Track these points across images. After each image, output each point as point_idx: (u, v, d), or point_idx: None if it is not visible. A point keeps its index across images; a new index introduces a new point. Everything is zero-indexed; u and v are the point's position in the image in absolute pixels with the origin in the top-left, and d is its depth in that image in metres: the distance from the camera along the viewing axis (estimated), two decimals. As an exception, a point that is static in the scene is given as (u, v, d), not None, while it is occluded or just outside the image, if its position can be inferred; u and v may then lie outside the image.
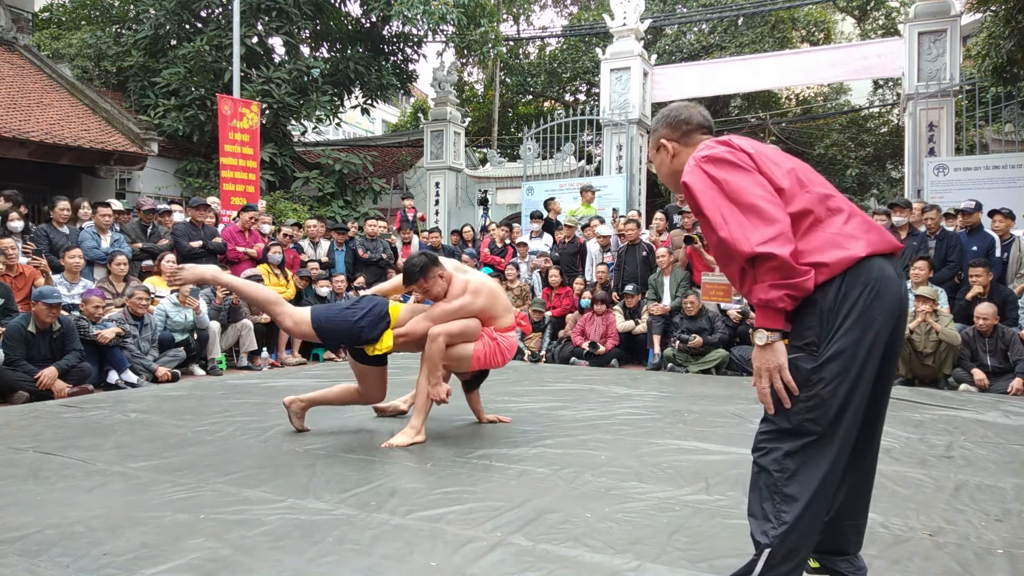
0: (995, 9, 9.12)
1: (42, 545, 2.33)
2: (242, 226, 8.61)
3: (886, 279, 1.73)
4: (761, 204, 1.72)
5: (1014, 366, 6.15)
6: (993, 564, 2.27)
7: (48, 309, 5.53)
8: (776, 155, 1.87)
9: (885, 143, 19.63)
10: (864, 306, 1.71)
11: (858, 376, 1.72)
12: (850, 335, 1.71)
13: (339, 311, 3.97)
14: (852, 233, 1.75)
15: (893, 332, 1.77)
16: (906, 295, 1.81)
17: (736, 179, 1.77)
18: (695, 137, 2.04)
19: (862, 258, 1.72)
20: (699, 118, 2.06)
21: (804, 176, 1.83)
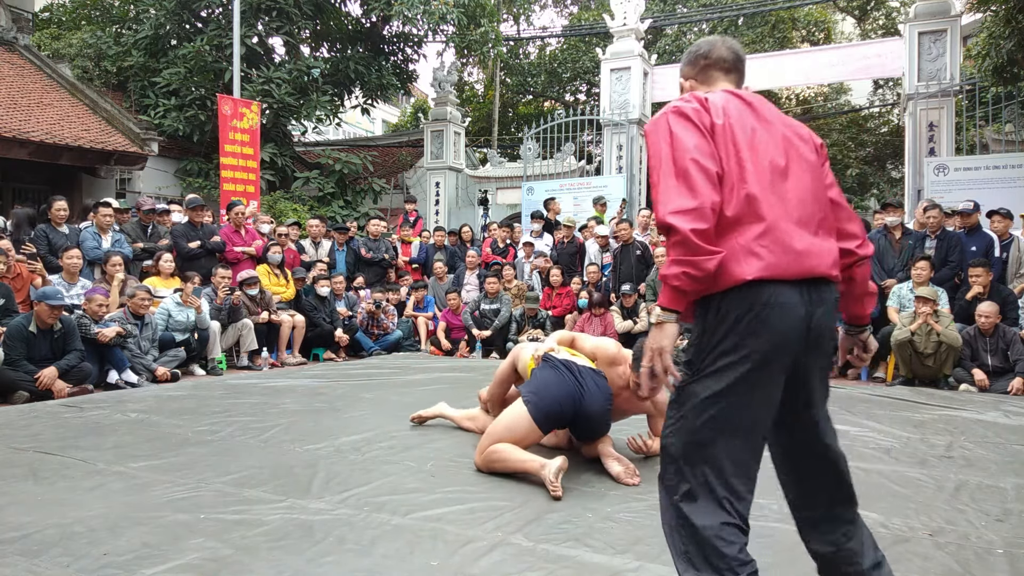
0: (995, 9, 9.12)
1: (42, 545, 2.33)
2: (235, 224, 8.61)
3: (777, 307, 1.56)
4: (692, 171, 1.58)
5: (1014, 366, 6.15)
6: (993, 564, 2.27)
7: (50, 310, 5.53)
8: (750, 135, 1.67)
9: (885, 143, 19.64)
10: (742, 332, 1.56)
11: (737, 411, 1.59)
12: (724, 362, 1.58)
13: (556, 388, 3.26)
14: (754, 250, 1.57)
15: (798, 363, 1.62)
16: (817, 325, 1.61)
17: (685, 138, 1.62)
18: (712, 74, 1.87)
19: (749, 281, 1.56)
20: (721, 51, 1.87)
21: (755, 171, 1.63)
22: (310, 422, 4.44)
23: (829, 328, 1.66)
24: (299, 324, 8.12)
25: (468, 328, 8.89)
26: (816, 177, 1.72)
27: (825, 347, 1.67)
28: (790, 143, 1.71)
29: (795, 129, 1.76)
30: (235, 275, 7.81)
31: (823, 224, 1.69)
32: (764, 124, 1.70)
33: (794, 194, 1.65)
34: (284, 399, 5.41)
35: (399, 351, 9.09)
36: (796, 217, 1.63)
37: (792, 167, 1.68)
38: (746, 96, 1.76)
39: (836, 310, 1.70)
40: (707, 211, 1.55)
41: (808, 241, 1.62)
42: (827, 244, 1.67)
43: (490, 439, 3.28)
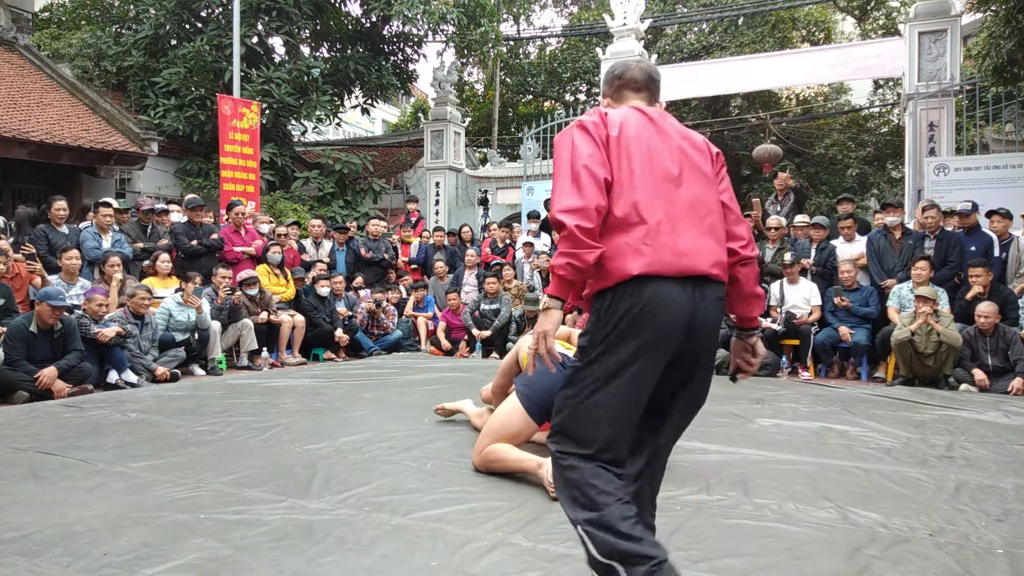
0: (995, 9, 9.11)
1: (42, 545, 2.33)
2: (235, 224, 8.60)
3: (661, 302, 1.72)
4: (583, 176, 1.76)
5: (1014, 366, 6.15)
6: (993, 564, 2.27)
7: (52, 310, 5.53)
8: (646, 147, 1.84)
9: (885, 143, 19.61)
10: (628, 324, 1.73)
11: (626, 385, 1.74)
12: (612, 351, 1.74)
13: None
14: (639, 248, 1.74)
15: (681, 355, 1.79)
16: (701, 320, 1.77)
17: (582, 148, 1.81)
18: (624, 93, 2.06)
19: (635, 276, 1.72)
20: (633, 73, 2.05)
21: (645, 178, 1.80)
22: (310, 422, 4.44)
23: (711, 323, 1.81)
24: (299, 324, 8.12)
25: (468, 328, 8.89)
26: (708, 184, 1.89)
27: (704, 340, 1.82)
28: (685, 154, 1.88)
29: (692, 141, 1.93)
30: (235, 275, 7.81)
31: (712, 227, 1.85)
32: (662, 136, 1.88)
33: (685, 199, 1.82)
34: (284, 399, 5.41)
35: (399, 351, 9.09)
36: (684, 220, 1.80)
37: (685, 175, 1.85)
38: (649, 112, 1.95)
39: (720, 308, 1.85)
40: (591, 211, 1.73)
41: (692, 242, 1.79)
42: (711, 245, 1.82)
43: (488, 437, 3.29)
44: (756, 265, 1.94)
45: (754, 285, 1.94)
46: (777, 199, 9.45)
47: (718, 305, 1.83)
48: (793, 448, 3.90)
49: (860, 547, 2.39)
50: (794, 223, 8.52)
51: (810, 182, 18.31)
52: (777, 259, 7.98)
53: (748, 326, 2.01)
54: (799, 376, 7.30)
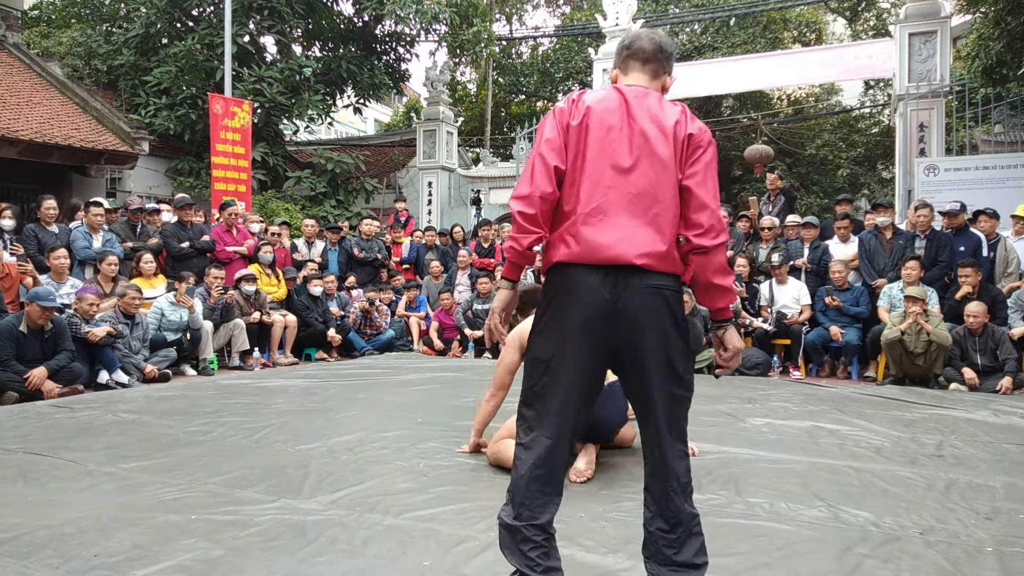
0: (985, 11, 9.18)
1: (32, 546, 2.32)
2: (227, 224, 8.57)
3: (576, 287, 1.83)
4: (536, 166, 1.88)
5: (1003, 365, 6.19)
6: (983, 562, 2.29)
7: (41, 311, 5.49)
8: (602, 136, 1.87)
9: (876, 143, 19.71)
10: (558, 306, 1.86)
11: (555, 366, 1.85)
12: (548, 326, 1.88)
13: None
14: (564, 238, 1.86)
15: (618, 345, 1.84)
16: (626, 307, 1.81)
17: (544, 135, 1.91)
18: (630, 64, 2.03)
19: (558, 263, 1.86)
20: (642, 43, 2.02)
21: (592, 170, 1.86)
22: (302, 422, 4.43)
23: (639, 312, 1.81)
24: (291, 324, 8.09)
25: (461, 328, 8.89)
26: (664, 172, 1.86)
27: (636, 329, 1.82)
28: (646, 139, 1.87)
29: (660, 125, 1.88)
30: (228, 275, 7.78)
31: (656, 217, 1.84)
32: (628, 122, 1.88)
33: (631, 189, 1.85)
34: (276, 399, 5.39)
35: (391, 351, 9.07)
36: (620, 210, 1.84)
37: (639, 163, 1.86)
38: (628, 93, 1.93)
39: (655, 297, 1.82)
40: (535, 199, 1.85)
41: (621, 232, 1.82)
42: (647, 235, 1.83)
43: (504, 431, 3.38)
44: (716, 255, 1.87)
45: (712, 275, 1.88)
46: (769, 199, 9.48)
47: (650, 294, 1.81)
48: (784, 447, 3.91)
49: (851, 546, 2.41)
50: (785, 223, 8.56)
51: (801, 182, 18.38)
52: (771, 259, 8.02)
53: (715, 318, 1.98)
54: (790, 375, 7.33)
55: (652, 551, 1.91)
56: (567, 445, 1.91)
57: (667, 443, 1.88)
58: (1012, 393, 6.00)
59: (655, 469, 1.90)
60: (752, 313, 7.88)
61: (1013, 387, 6.05)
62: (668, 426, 1.88)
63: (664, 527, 1.87)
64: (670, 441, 1.88)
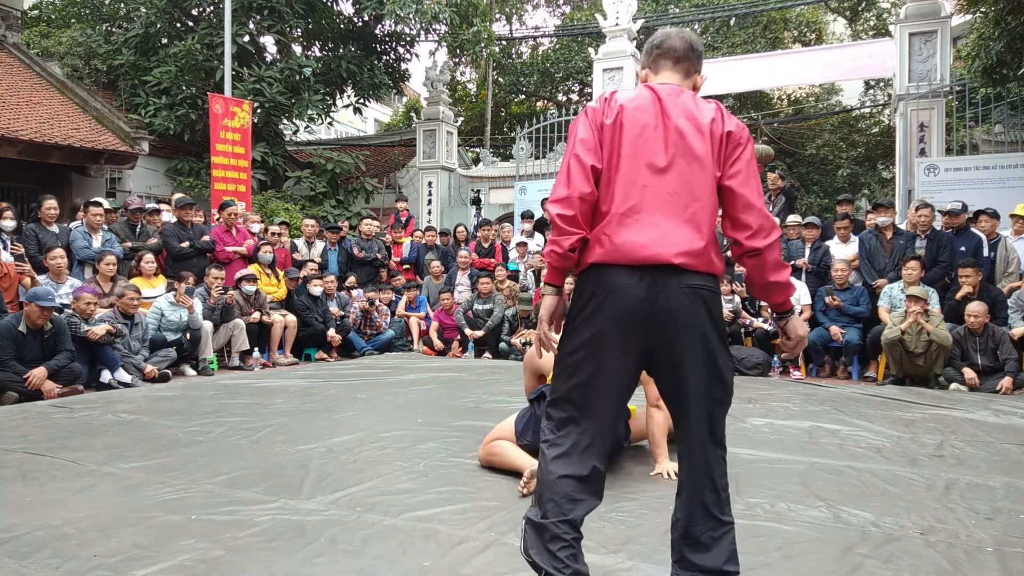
0: (985, 11, 9.18)
1: (31, 547, 2.32)
2: (226, 224, 8.57)
3: (614, 288, 1.79)
4: (572, 166, 1.84)
5: (1003, 365, 6.19)
6: (983, 562, 2.28)
7: (41, 311, 5.49)
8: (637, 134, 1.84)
9: (876, 143, 19.72)
10: (593, 308, 1.81)
11: (589, 368, 1.81)
12: (583, 327, 1.83)
13: None
14: (600, 237, 1.82)
15: (655, 346, 1.80)
16: (664, 308, 1.77)
17: (578, 135, 1.88)
18: (661, 63, 2.00)
19: (593, 264, 1.83)
20: (673, 42, 1.99)
21: (627, 169, 1.83)
22: (302, 422, 4.43)
23: (677, 312, 1.78)
24: (291, 324, 8.09)
25: (461, 328, 8.89)
26: (701, 170, 1.83)
27: (674, 330, 1.78)
28: (682, 138, 1.84)
29: (697, 123, 1.86)
30: (228, 275, 7.78)
31: (694, 216, 1.81)
32: (663, 120, 1.85)
33: (667, 188, 1.82)
34: (276, 399, 5.39)
35: (391, 351, 9.07)
36: (657, 209, 1.81)
37: (675, 162, 1.83)
38: (662, 91, 1.90)
39: (695, 297, 1.79)
40: (575, 200, 1.81)
41: (660, 231, 1.79)
42: (685, 234, 1.79)
43: (495, 432, 3.39)
44: (770, 254, 1.84)
45: (767, 274, 1.86)
46: (770, 199, 9.48)
47: (688, 293, 1.78)
48: (784, 447, 3.91)
49: (851, 546, 2.40)
50: (786, 223, 8.56)
51: (801, 182, 18.39)
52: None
53: (776, 311, 1.97)
54: (790, 375, 7.33)
55: (680, 555, 1.87)
56: (604, 448, 1.85)
57: (707, 447, 1.84)
58: (1012, 393, 6.00)
59: (692, 474, 1.85)
60: (752, 313, 7.88)
61: (1013, 387, 6.05)
62: (709, 430, 1.84)
63: (695, 533, 1.83)
64: (710, 445, 1.84)
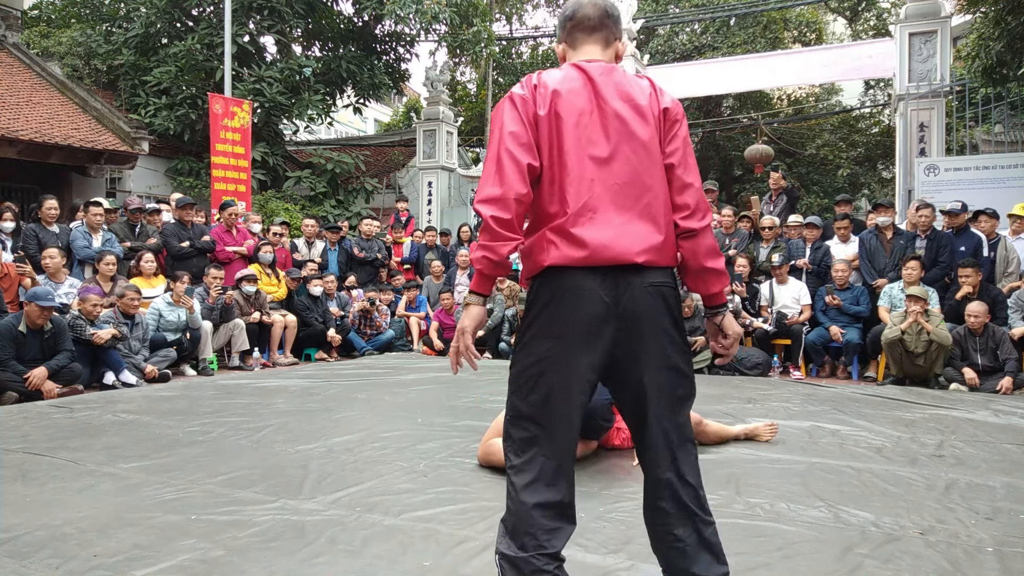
0: (985, 11, 9.18)
1: (31, 547, 2.32)
2: (227, 224, 8.57)
3: (574, 292, 1.66)
4: (506, 164, 1.68)
5: (1003, 365, 6.19)
6: (983, 562, 2.28)
7: (40, 311, 5.49)
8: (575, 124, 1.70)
9: (876, 143, 19.72)
10: (552, 315, 1.68)
11: (549, 379, 1.67)
12: (541, 337, 1.69)
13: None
14: (553, 239, 1.68)
15: (620, 348, 1.69)
16: (628, 310, 1.67)
17: (505, 126, 1.71)
18: (577, 36, 1.84)
19: (551, 267, 1.68)
20: (586, 10, 1.82)
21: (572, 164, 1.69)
22: (302, 422, 4.43)
23: (641, 312, 1.67)
24: (291, 324, 8.09)
25: (461, 328, 8.88)
26: (647, 155, 1.72)
27: (637, 330, 1.68)
28: (622, 122, 1.71)
29: (634, 103, 1.74)
30: (228, 275, 7.78)
31: (648, 207, 1.70)
32: (598, 103, 1.72)
33: (616, 180, 1.69)
34: (276, 399, 5.39)
35: (391, 351, 9.07)
36: (610, 205, 1.68)
37: (620, 149, 1.70)
38: (591, 71, 1.75)
39: (657, 295, 1.69)
40: (510, 201, 1.65)
41: (617, 229, 1.66)
42: (643, 229, 1.68)
43: (492, 432, 3.36)
44: (705, 236, 1.73)
45: (703, 258, 1.74)
46: (771, 199, 9.48)
47: (651, 292, 1.68)
48: (784, 447, 3.91)
49: (851, 546, 2.40)
50: (787, 223, 8.56)
51: (801, 182, 18.39)
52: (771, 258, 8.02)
53: (710, 304, 1.83)
54: (790, 375, 7.33)
55: (667, 560, 1.77)
56: (571, 467, 1.73)
57: (675, 448, 1.73)
58: (1012, 393, 6.00)
59: (660, 481, 1.75)
60: (752, 313, 7.88)
61: (1013, 387, 6.05)
62: (675, 430, 1.73)
63: (676, 535, 1.73)
64: (677, 445, 1.74)
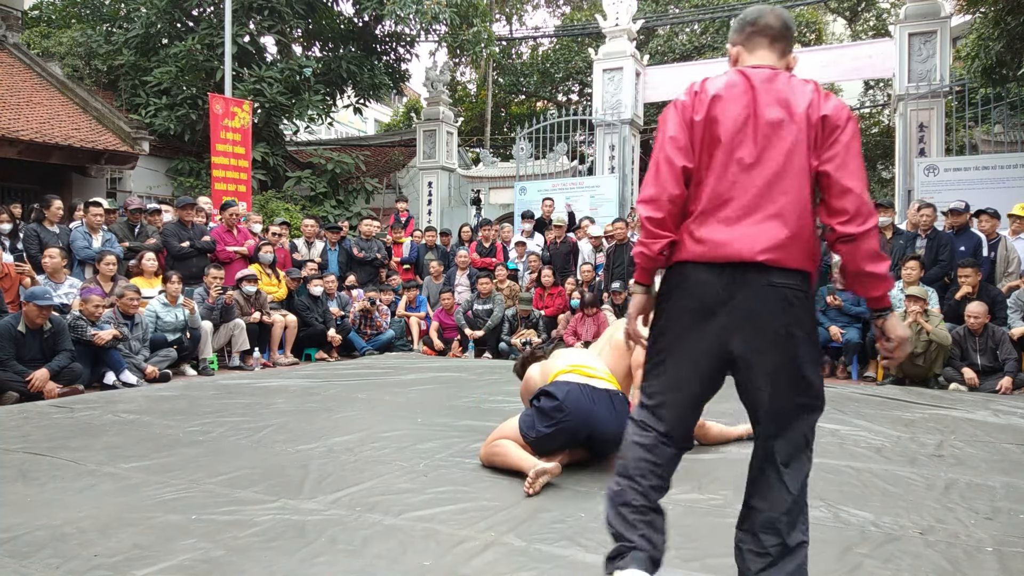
0: (985, 11, 9.19)
1: (32, 547, 2.32)
2: (227, 224, 8.57)
3: (693, 284, 1.80)
4: (663, 166, 1.83)
5: (1003, 365, 6.19)
6: (983, 562, 2.29)
7: (39, 310, 5.49)
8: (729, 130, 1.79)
9: (876, 143, 19.73)
10: (672, 306, 1.86)
11: (670, 365, 1.85)
12: (665, 327, 1.88)
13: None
14: (683, 237, 1.84)
15: (727, 340, 1.77)
16: (743, 307, 1.75)
17: (667, 130, 1.85)
18: (756, 41, 1.95)
19: (676, 262, 1.85)
20: (768, 19, 1.94)
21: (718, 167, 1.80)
22: (302, 422, 4.43)
23: (755, 310, 1.75)
24: (291, 324, 8.09)
25: (461, 328, 8.89)
26: (790, 161, 1.77)
27: (764, 330, 1.75)
28: (773, 128, 1.78)
29: (791, 110, 1.79)
30: (228, 275, 7.78)
31: (783, 210, 1.76)
32: (755, 108, 1.80)
33: (757, 183, 1.77)
34: (276, 399, 5.39)
35: (391, 351, 9.07)
36: (743, 206, 1.77)
37: (765, 155, 1.78)
38: (755, 77, 1.84)
39: (776, 295, 1.75)
40: (663, 202, 1.82)
41: (743, 228, 1.76)
42: (771, 229, 1.75)
43: (497, 432, 3.38)
44: (865, 241, 1.75)
45: (862, 263, 1.76)
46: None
47: (769, 292, 1.74)
48: (784, 447, 3.90)
49: (851, 546, 2.41)
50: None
51: (801, 182, 18.37)
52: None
53: (873, 307, 1.86)
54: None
55: (744, 563, 1.82)
56: (681, 443, 1.91)
57: (781, 461, 1.79)
58: (1012, 393, 6.00)
59: (762, 489, 1.81)
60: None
61: (1013, 387, 6.05)
62: (789, 442, 1.79)
63: (761, 550, 1.78)
64: (788, 456, 1.79)
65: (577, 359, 3.48)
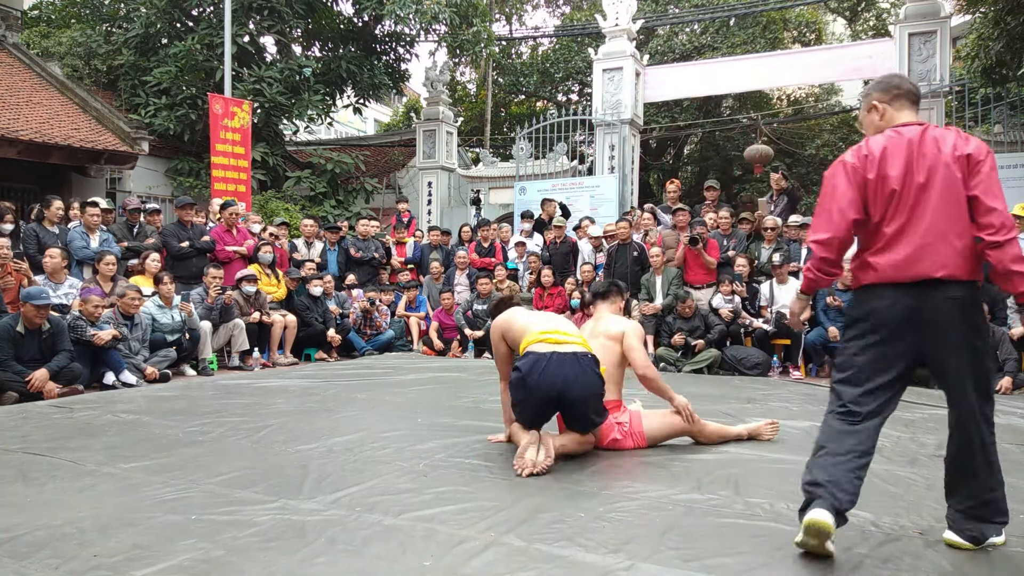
0: (984, 11, 9.19)
1: (31, 547, 2.32)
2: (227, 224, 8.57)
3: (882, 302, 2.31)
4: (833, 213, 2.35)
5: (1003, 365, 6.19)
6: (983, 562, 2.29)
7: (37, 310, 5.49)
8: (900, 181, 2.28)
9: (876, 144, 19.68)
10: (863, 316, 2.36)
11: (867, 374, 2.33)
12: (852, 337, 2.39)
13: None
14: (871, 263, 2.34)
15: (924, 347, 2.30)
16: (931, 317, 2.25)
17: (835, 185, 2.37)
18: (902, 103, 2.44)
19: (866, 284, 2.36)
20: (909, 86, 2.46)
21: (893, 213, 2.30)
22: (302, 422, 4.43)
23: (940, 318, 2.25)
24: (290, 324, 8.10)
25: (461, 328, 8.89)
26: (949, 194, 2.25)
27: (938, 331, 2.26)
28: (935, 170, 2.26)
29: (942, 156, 2.27)
30: (227, 275, 7.78)
31: (946, 234, 2.24)
32: (918, 159, 2.28)
33: (925, 217, 2.26)
34: (276, 399, 5.39)
35: (391, 351, 9.07)
36: (917, 235, 2.26)
37: (930, 192, 2.26)
38: (910, 135, 2.32)
39: (954, 305, 2.24)
40: (835, 243, 2.35)
41: (922, 253, 2.24)
42: (943, 252, 2.24)
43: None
44: (1009, 247, 2.19)
45: (1009, 263, 2.20)
46: (771, 199, 9.48)
47: (949, 303, 2.24)
48: (784, 447, 3.91)
49: (851, 546, 2.40)
50: (788, 223, 8.56)
51: (801, 182, 18.39)
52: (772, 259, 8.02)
53: (1020, 301, 2.32)
54: (790, 375, 7.33)
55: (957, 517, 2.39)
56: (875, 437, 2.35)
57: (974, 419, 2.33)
58: (1012, 393, 6.00)
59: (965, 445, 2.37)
60: (752, 313, 7.88)
61: (1013, 387, 6.06)
62: (978, 396, 2.31)
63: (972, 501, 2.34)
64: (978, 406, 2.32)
65: (547, 325, 3.60)
